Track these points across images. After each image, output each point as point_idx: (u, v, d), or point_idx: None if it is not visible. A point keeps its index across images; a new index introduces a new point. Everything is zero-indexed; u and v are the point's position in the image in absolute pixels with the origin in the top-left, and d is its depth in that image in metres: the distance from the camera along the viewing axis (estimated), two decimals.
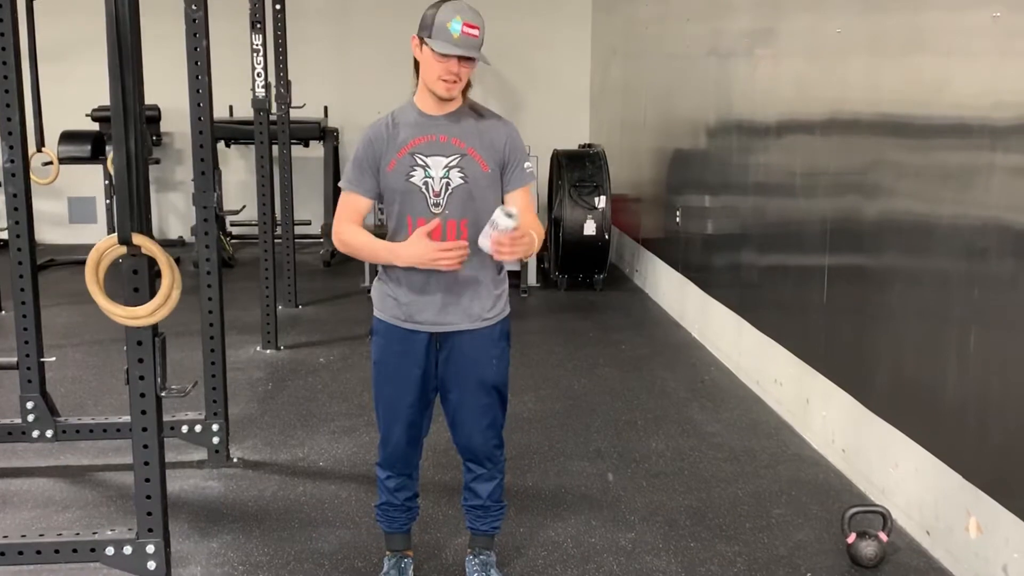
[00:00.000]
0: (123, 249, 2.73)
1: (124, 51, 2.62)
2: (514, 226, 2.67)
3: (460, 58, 2.73)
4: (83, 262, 2.78)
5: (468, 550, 3.27)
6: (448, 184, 2.82)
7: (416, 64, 2.83)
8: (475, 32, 2.72)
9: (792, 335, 4.73)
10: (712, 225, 6.16)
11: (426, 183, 2.81)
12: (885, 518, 3.42)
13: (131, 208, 2.69)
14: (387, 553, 3.25)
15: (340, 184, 2.95)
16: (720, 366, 5.70)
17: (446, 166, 2.82)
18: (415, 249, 2.77)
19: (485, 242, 2.72)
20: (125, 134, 2.65)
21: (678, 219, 6.82)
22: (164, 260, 2.75)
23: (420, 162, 2.81)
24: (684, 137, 6.75)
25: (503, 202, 2.89)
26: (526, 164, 2.94)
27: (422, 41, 2.76)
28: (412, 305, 2.89)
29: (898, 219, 3.73)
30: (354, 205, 2.91)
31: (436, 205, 2.82)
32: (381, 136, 2.85)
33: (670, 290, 7.04)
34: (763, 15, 5.21)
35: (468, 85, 2.89)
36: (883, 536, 3.36)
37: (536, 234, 2.84)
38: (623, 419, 4.81)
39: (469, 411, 3.01)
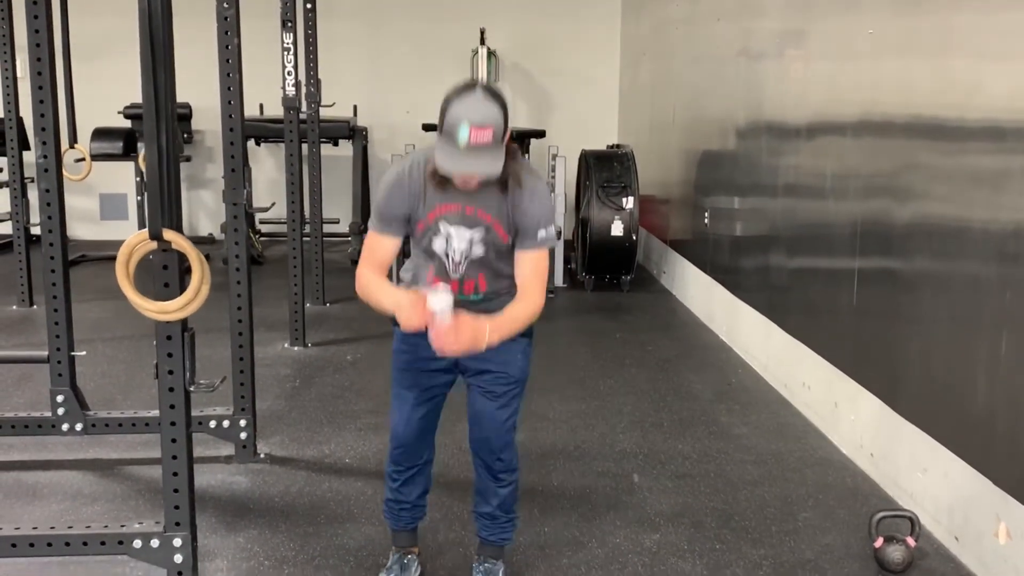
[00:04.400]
0: (154, 244, 2.75)
1: (156, 49, 2.64)
2: (443, 308, 2.61)
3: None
4: (114, 258, 2.79)
5: (475, 556, 3.22)
6: (467, 255, 2.81)
7: None
8: (485, 136, 2.56)
9: (821, 338, 4.70)
10: (741, 227, 6.13)
11: (447, 253, 2.81)
12: (913, 523, 3.39)
13: (162, 204, 2.71)
14: (393, 548, 3.23)
15: (368, 224, 2.91)
16: (748, 369, 5.67)
17: (469, 240, 2.79)
18: (410, 321, 2.69)
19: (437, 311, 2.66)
20: (157, 131, 2.67)
21: (706, 220, 6.80)
22: (194, 256, 2.77)
23: (443, 231, 2.79)
24: (713, 138, 6.72)
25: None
26: (540, 232, 2.79)
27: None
28: None
29: (929, 222, 3.70)
30: (380, 248, 2.85)
31: (455, 271, 2.83)
32: (403, 185, 2.78)
33: (698, 292, 7.01)
34: (794, 16, 5.18)
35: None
36: (911, 541, 3.33)
37: (524, 313, 2.79)
38: (649, 420, 4.80)
39: (488, 403, 2.98)
